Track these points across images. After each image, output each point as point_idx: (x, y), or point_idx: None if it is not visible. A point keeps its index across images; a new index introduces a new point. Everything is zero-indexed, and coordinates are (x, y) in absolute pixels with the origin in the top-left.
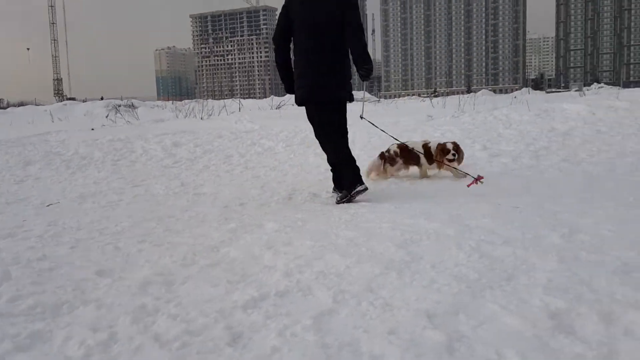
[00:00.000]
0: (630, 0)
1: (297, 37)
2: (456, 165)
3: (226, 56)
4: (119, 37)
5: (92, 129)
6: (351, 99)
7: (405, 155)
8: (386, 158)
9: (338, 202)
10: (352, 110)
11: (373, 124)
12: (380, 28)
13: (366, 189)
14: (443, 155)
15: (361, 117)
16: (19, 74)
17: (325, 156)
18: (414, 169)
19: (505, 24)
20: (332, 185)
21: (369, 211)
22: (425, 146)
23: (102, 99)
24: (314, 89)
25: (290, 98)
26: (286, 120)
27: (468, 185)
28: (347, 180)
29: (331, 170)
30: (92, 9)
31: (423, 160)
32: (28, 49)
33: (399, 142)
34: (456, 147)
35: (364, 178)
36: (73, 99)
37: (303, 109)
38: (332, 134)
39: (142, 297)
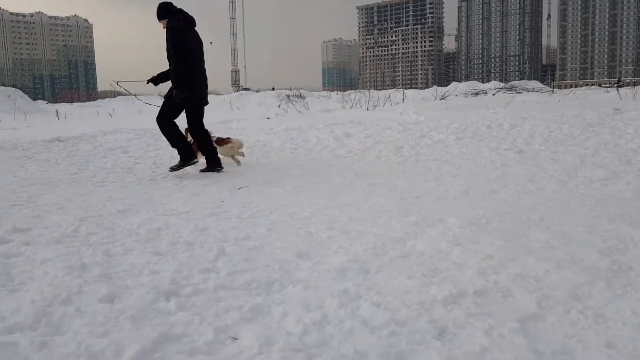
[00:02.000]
0: None
1: (196, 58)
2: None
3: (390, 46)
4: (290, 30)
5: (268, 118)
6: None
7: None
8: None
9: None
10: None
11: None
12: (558, 12)
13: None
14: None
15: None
16: None
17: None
18: None
19: None
20: None
21: (561, 211)
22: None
23: (273, 89)
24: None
25: (454, 89)
26: (453, 112)
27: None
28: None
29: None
30: (268, 4)
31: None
32: (211, 42)
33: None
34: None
35: None
36: (248, 89)
37: (469, 101)
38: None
39: (343, 282)
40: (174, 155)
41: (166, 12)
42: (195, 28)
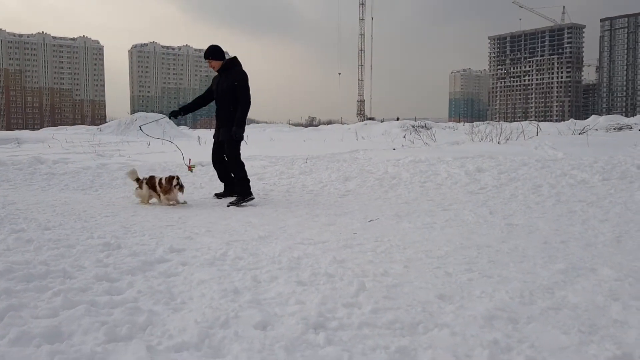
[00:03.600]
0: None
1: None
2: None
3: (523, 77)
4: (416, 60)
5: (394, 149)
6: None
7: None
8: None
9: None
10: None
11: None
12: None
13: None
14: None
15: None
16: (329, 95)
17: None
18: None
19: None
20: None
21: None
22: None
23: (397, 119)
24: None
25: (594, 123)
26: (595, 149)
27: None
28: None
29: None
30: (395, 35)
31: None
32: (339, 73)
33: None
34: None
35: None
36: (372, 118)
37: (612, 137)
38: None
39: (492, 332)
40: (305, 184)
41: (222, 54)
42: None
